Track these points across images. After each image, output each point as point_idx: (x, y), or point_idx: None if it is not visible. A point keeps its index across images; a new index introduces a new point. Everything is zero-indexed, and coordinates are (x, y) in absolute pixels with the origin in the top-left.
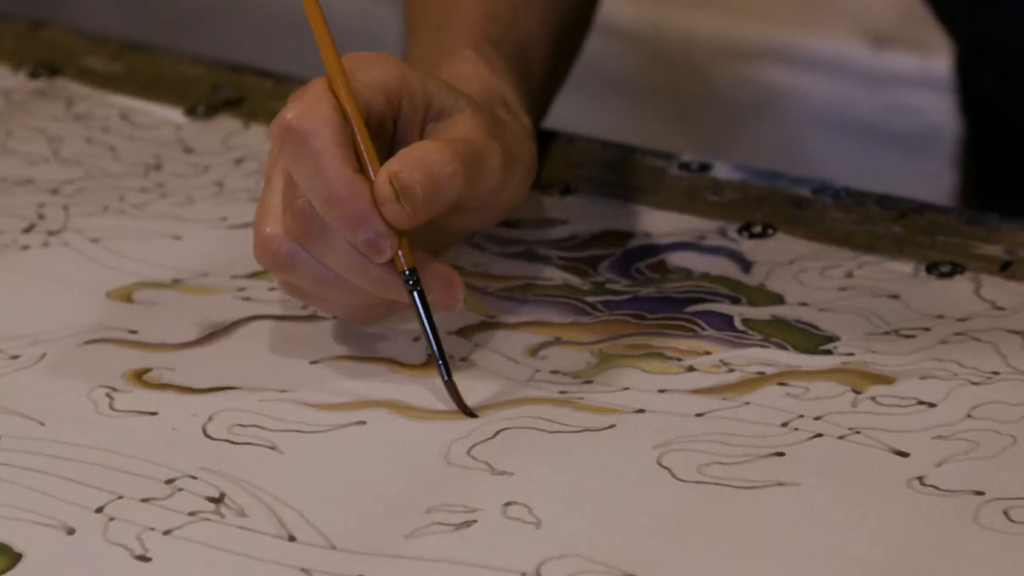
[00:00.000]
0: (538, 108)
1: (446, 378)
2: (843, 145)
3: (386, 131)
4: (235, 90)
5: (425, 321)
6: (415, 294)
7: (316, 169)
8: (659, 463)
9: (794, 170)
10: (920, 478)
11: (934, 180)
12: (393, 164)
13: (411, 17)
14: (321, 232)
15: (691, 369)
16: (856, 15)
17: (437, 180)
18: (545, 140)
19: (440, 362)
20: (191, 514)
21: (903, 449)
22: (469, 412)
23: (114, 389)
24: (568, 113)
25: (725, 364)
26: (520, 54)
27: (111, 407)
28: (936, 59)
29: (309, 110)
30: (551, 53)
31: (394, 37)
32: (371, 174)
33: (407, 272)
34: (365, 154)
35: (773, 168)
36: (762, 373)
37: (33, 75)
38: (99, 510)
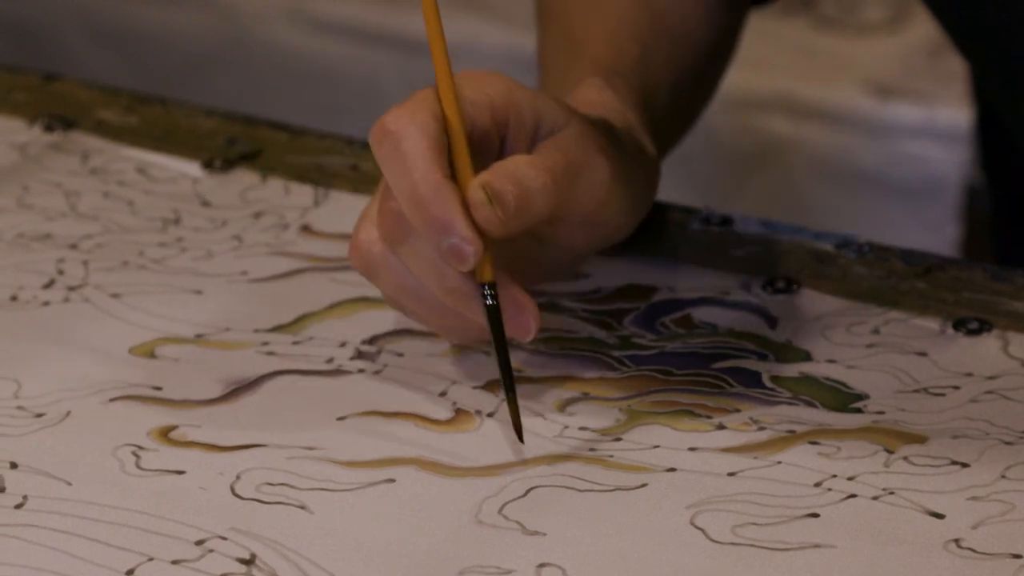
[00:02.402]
0: (661, 146)
1: (511, 396)
2: (846, 195)
3: (491, 147)
4: (250, 143)
5: (495, 338)
6: (489, 309)
7: (404, 170)
8: (692, 524)
9: (797, 220)
10: (957, 540)
11: (938, 231)
12: (485, 174)
13: (542, 56)
14: (408, 235)
15: (721, 427)
16: (859, 66)
17: (528, 192)
18: None
19: (504, 379)
20: None
21: (938, 511)
22: (520, 434)
23: (140, 447)
24: None
25: (755, 422)
26: (646, 89)
27: (138, 466)
28: (940, 110)
29: (406, 114)
30: (675, 96)
31: (393, 83)
32: (464, 184)
33: (485, 287)
34: (460, 164)
35: (775, 218)
36: (792, 431)
37: (48, 129)
38: (130, 572)
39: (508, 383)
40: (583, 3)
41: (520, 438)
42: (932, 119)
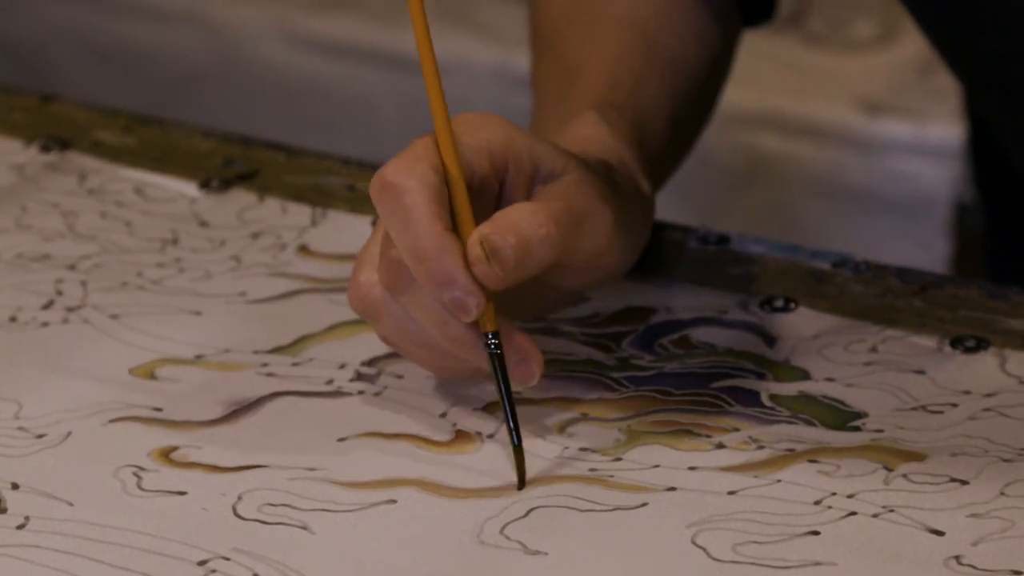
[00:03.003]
0: (656, 177)
1: (516, 443)
2: (836, 212)
3: (490, 193)
4: (247, 164)
5: (502, 385)
6: (494, 358)
7: (406, 224)
8: (694, 542)
9: (787, 237)
10: (957, 557)
11: (928, 248)
12: (485, 227)
13: (537, 83)
14: (410, 285)
15: (720, 446)
16: (848, 83)
17: (529, 243)
18: None
19: (511, 427)
20: None
21: (938, 528)
22: (522, 483)
23: (141, 468)
24: None
25: (754, 441)
26: (641, 121)
27: (139, 487)
28: (930, 127)
29: (406, 166)
30: (671, 124)
31: (386, 101)
32: (464, 234)
33: (489, 335)
34: (461, 214)
35: (765, 234)
36: (792, 450)
37: (45, 149)
38: None
39: (514, 432)
40: (579, 31)
41: (521, 485)
42: (922, 136)
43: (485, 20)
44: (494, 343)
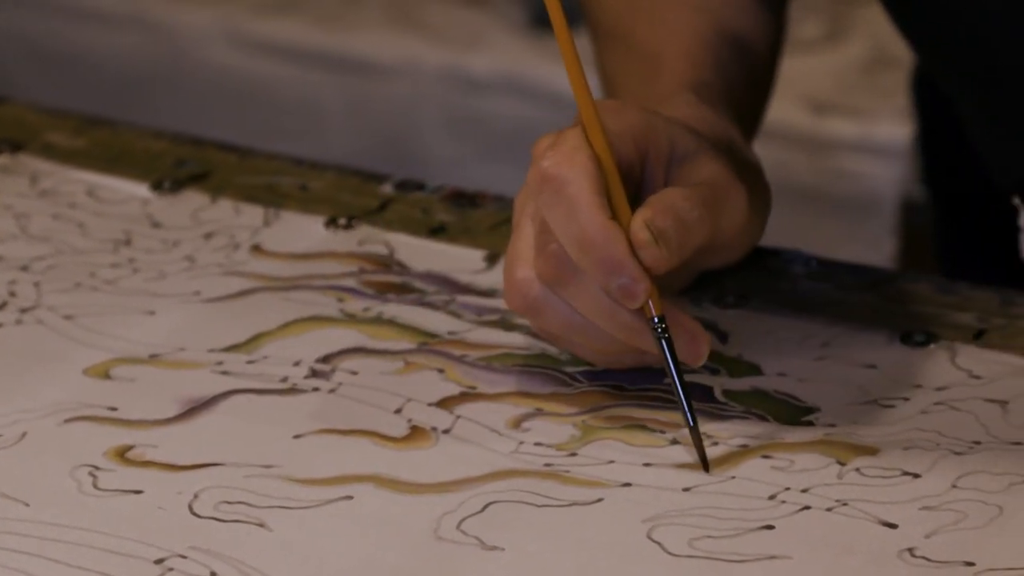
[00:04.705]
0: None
1: (692, 425)
2: (784, 211)
3: (634, 177)
4: (200, 164)
5: (673, 370)
6: (663, 342)
7: (571, 215)
8: (650, 537)
9: None
10: (910, 549)
11: (875, 246)
12: (646, 211)
13: (610, 75)
14: (573, 277)
15: (675, 442)
16: (795, 82)
17: (686, 225)
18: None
19: (687, 409)
20: None
21: (891, 521)
22: (706, 464)
23: (97, 468)
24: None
25: (708, 437)
26: (732, 100)
27: (95, 486)
28: (876, 126)
29: (566, 158)
30: (751, 104)
31: (333, 103)
32: (623, 221)
33: (656, 320)
34: (617, 201)
35: None
36: (746, 446)
37: None
38: None
39: (691, 415)
40: (645, 18)
41: (705, 468)
42: (869, 135)
43: (435, 22)
44: (662, 327)
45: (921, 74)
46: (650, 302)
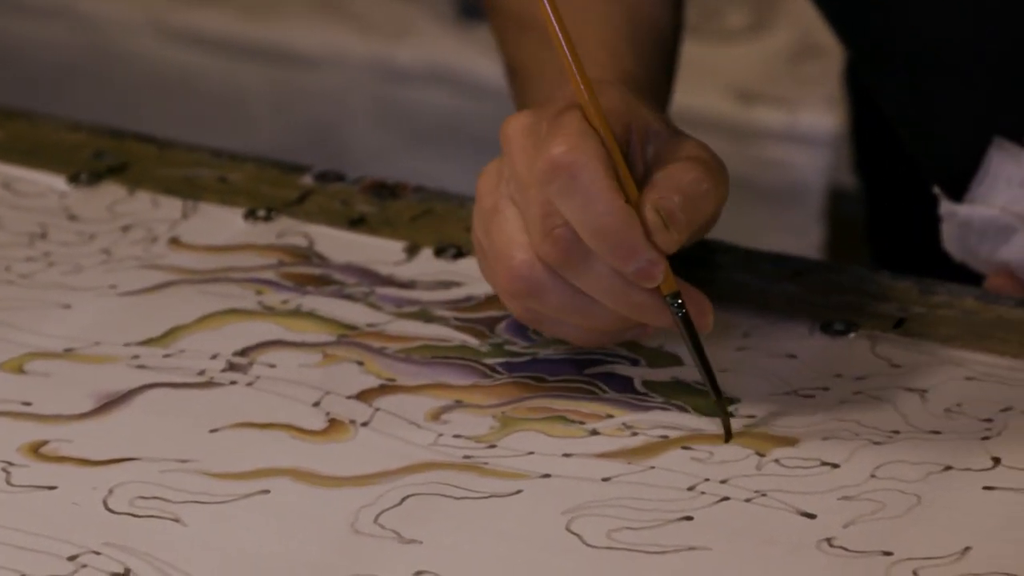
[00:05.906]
0: None
1: (718, 397)
2: None
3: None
4: (118, 156)
5: (692, 343)
6: (680, 317)
7: (588, 202)
8: (568, 529)
9: None
10: (828, 539)
11: (802, 235)
12: (652, 192)
13: (523, 64)
14: (583, 259)
15: (595, 433)
16: (721, 72)
17: (695, 200)
18: (440, 203)
19: (711, 382)
20: None
21: (810, 511)
22: (729, 434)
23: (10, 463)
24: (459, 175)
25: (628, 427)
26: (654, 88)
27: (8, 482)
28: (802, 115)
29: (576, 144)
30: (668, 86)
31: (258, 94)
32: (631, 200)
33: (669, 297)
34: (625, 181)
35: None
36: (665, 437)
37: None
38: None
39: (714, 385)
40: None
41: (728, 437)
42: (795, 124)
43: (362, 13)
44: (678, 303)
45: (852, 63)
46: (665, 281)
